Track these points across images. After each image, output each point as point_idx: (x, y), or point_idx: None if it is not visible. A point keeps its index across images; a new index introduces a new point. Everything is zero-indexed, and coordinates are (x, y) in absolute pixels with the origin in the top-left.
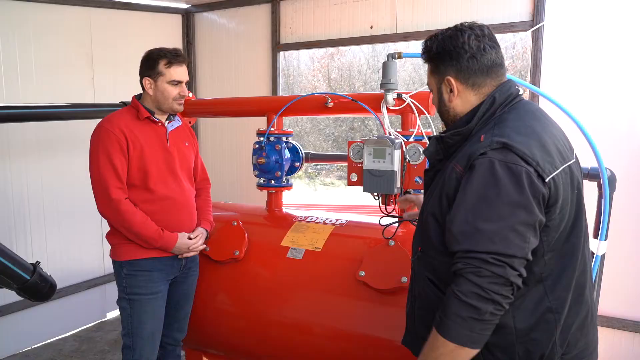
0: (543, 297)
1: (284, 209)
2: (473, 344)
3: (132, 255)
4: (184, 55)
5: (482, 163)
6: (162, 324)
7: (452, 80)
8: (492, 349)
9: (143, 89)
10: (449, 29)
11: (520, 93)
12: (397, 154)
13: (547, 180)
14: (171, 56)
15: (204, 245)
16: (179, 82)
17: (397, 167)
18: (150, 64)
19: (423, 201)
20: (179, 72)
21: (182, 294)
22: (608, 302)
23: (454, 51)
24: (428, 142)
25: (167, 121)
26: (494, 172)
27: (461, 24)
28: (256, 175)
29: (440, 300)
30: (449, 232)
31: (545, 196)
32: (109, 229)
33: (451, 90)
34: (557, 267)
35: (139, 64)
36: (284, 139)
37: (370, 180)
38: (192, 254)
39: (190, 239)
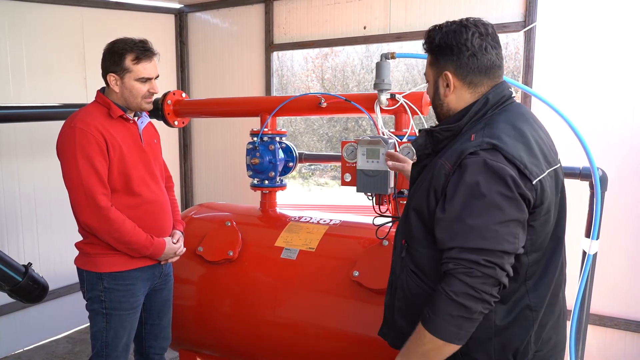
0: (524, 295)
1: (278, 209)
2: (459, 340)
3: (115, 267)
4: (153, 48)
5: (473, 162)
6: (135, 331)
7: (450, 76)
8: (468, 342)
9: (107, 84)
10: (454, 22)
11: (513, 95)
12: None
13: (534, 182)
14: (139, 50)
15: (185, 248)
16: (149, 79)
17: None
18: (115, 58)
19: (408, 195)
20: (149, 68)
21: (163, 301)
22: (600, 301)
23: (455, 47)
24: (418, 134)
25: (136, 117)
26: (484, 171)
27: (467, 19)
28: (250, 176)
29: (422, 291)
30: (440, 228)
31: (531, 198)
32: None
33: (447, 85)
34: (540, 267)
35: None
36: (277, 139)
37: (363, 180)
38: (176, 258)
39: (173, 243)
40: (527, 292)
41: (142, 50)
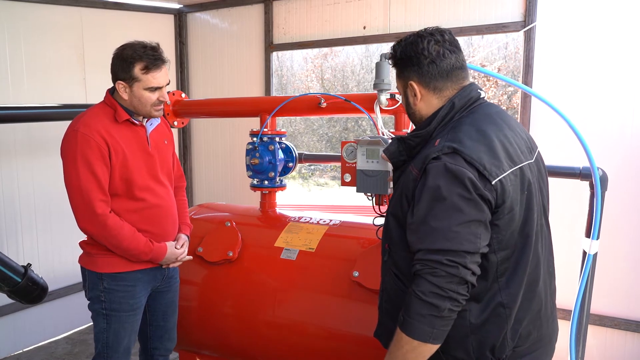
0: (496, 293)
1: (278, 210)
2: (434, 339)
3: (115, 268)
4: (164, 56)
5: (434, 166)
6: (137, 333)
7: (415, 85)
8: (447, 341)
9: (116, 90)
10: (412, 34)
11: (481, 96)
12: None
13: (493, 182)
14: (149, 60)
15: (190, 257)
16: (158, 88)
17: (390, 167)
18: (124, 66)
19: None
20: (158, 77)
21: (168, 304)
22: (600, 301)
23: (414, 57)
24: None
25: (145, 120)
26: (444, 174)
27: (424, 29)
28: (249, 176)
29: (403, 294)
30: (410, 232)
31: (491, 198)
32: None
33: (415, 94)
34: (510, 265)
35: None
36: (277, 139)
37: (363, 181)
38: (179, 264)
39: (176, 248)
40: (500, 289)
41: (152, 59)
